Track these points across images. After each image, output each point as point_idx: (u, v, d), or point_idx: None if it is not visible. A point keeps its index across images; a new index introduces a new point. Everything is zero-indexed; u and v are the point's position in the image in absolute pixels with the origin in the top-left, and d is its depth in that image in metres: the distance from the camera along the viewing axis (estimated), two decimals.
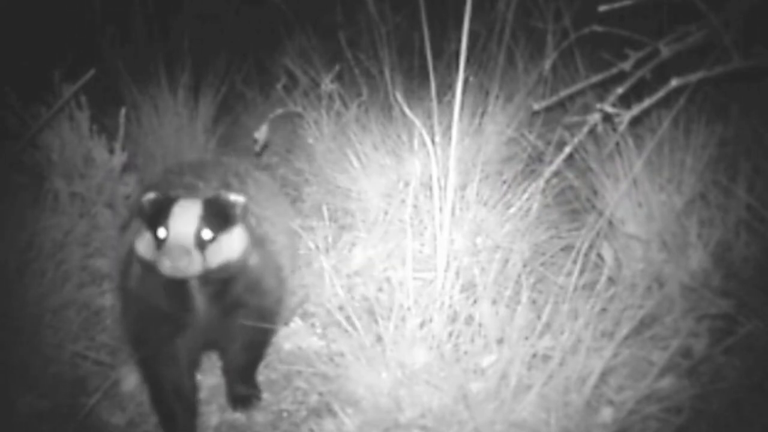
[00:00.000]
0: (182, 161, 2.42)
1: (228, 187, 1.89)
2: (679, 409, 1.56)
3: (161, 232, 1.61)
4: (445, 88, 2.42)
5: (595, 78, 2.18)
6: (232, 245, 1.68)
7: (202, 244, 1.62)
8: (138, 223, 1.73)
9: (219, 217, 1.66)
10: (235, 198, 1.70)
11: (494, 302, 1.81)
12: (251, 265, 1.76)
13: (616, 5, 1.97)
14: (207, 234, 1.62)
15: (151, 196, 1.68)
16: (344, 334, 1.81)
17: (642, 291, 1.80)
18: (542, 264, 2.03)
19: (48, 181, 2.30)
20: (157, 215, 1.63)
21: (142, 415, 1.87)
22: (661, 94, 1.96)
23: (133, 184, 2.45)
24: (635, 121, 2.02)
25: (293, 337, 2.06)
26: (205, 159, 2.71)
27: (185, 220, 1.62)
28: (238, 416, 1.87)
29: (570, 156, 2.19)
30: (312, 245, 2.26)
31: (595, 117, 2.09)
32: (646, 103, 1.98)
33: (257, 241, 1.80)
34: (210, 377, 1.98)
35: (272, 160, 3.09)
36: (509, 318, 1.74)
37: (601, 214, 1.96)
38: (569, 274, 1.74)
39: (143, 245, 1.66)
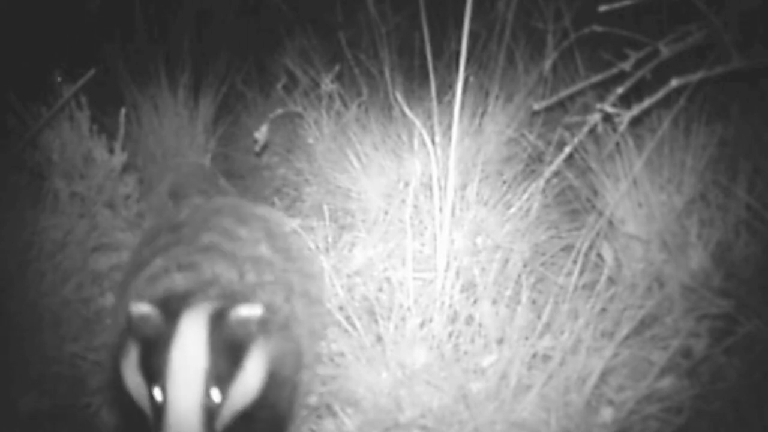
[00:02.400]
0: (223, 201, 1.99)
1: (269, 237, 1.55)
2: (679, 409, 1.56)
3: (157, 394, 1.25)
4: (445, 88, 2.42)
5: (595, 78, 2.18)
6: (247, 384, 1.33)
7: (211, 411, 1.26)
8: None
9: (231, 344, 1.29)
10: (249, 313, 1.31)
11: (494, 302, 1.82)
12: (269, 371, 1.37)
13: (616, 5, 1.97)
14: (217, 395, 1.27)
15: (141, 310, 1.29)
16: (344, 334, 1.81)
17: (642, 291, 1.80)
18: (542, 264, 2.03)
19: (48, 181, 2.29)
20: (151, 349, 1.27)
21: None
22: (661, 94, 1.96)
23: (133, 184, 2.45)
24: (635, 121, 2.02)
25: None
26: (250, 203, 2.11)
27: (189, 372, 1.25)
28: None
29: (570, 156, 2.18)
30: (312, 245, 2.26)
31: (595, 117, 2.09)
32: (646, 103, 1.98)
33: (277, 328, 1.44)
34: None
35: (272, 160, 3.09)
36: (509, 318, 1.74)
37: (601, 214, 1.96)
38: (569, 274, 1.74)
39: (132, 377, 1.32)
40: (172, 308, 1.31)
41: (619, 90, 2.05)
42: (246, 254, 1.51)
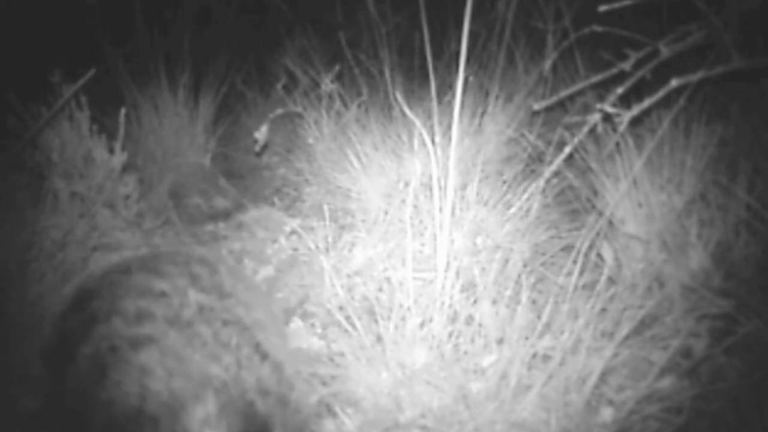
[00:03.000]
0: (129, 256, 1.69)
1: (195, 280, 1.31)
2: (679, 409, 1.56)
3: None
4: (445, 88, 2.42)
5: (595, 78, 2.19)
6: None
7: None
8: None
9: None
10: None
11: (494, 302, 1.82)
12: None
13: (616, 5, 1.97)
14: None
15: None
16: (344, 334, 1.82)
17: (642, 291, 1.80)
18: (542, 264, 2.03)
19: (48, 181, 2.29)
20: None
21: None
22: (661, 94, 1.96)
23: (133, 184, 2.45)
24: (635, 121, 2.02)
25: (293, 337, 2.06)
26: (159, 250, 2.04)
27: None
28: None
29: (570, 156, 2.18)
30: (312, 245, 2.26)
31: (595, 117, 2.09)
32: (646, 103, 1.98)
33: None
34: None
35: (272, 160, 3.09)
36: (509, 318, 1.74)
37: (601, 214, 1.96)
38: (569, 274, 1.74)
39: None
40: None
41: (619, 90, 2.05)
42: (186, 315, 1.24)
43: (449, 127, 1.92)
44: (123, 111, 2.40)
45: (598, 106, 2.06)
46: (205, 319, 1.22)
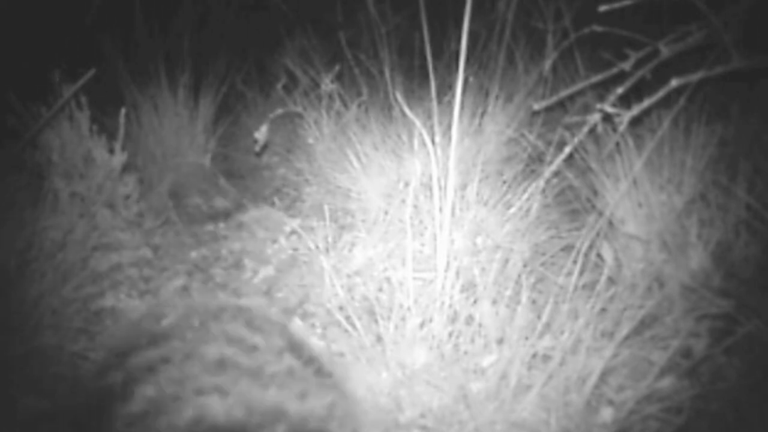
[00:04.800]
0: (221, 302, 1.31)
1: (297, 351, 1.13)
2: (679, 409, 1.56)
3: None
4: (445, 88, 2.42)
5: (595, 78, 2.18)
6: None
7: None
8: None
9: None
10: None
11: (494, 302, 1.82)
12: None
13: (616, 5, 1.97)
14: None
15: None
16: (344, 334, 1.82)
17: (642, 291, 1.80)
18: (542, 264, 2.03)
19: (48, 181, 2.29)
20: None
21: None
22: (661, 94, 1.96)
23: (133, 184, 2.44)
24: (635, 121, 2.02)
25: None
26: (245, 304, 1.32)
27: None
28: None
29: (570, 156, 2.19)
30: (312, 245, 2.26)
31: (595, 117, 2.09)
32: (646, 103, 1.98)
33: None
34: None
35: (272, 160, 3.09)
36: (509, 318, 1.74)
37: (601, 214, 1.96)
38: (569, 274, 1.74)
39: None
40: None
41: (619, 90, 2.06)
42: (272, 370, 1.10)
43: (449, 127, 1.92)
44: (123, 111, 2.40)
45: (598, 106, 2.06)
46: (288, 382, 1.05)
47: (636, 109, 1.98)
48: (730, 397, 1.59)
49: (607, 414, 1.57)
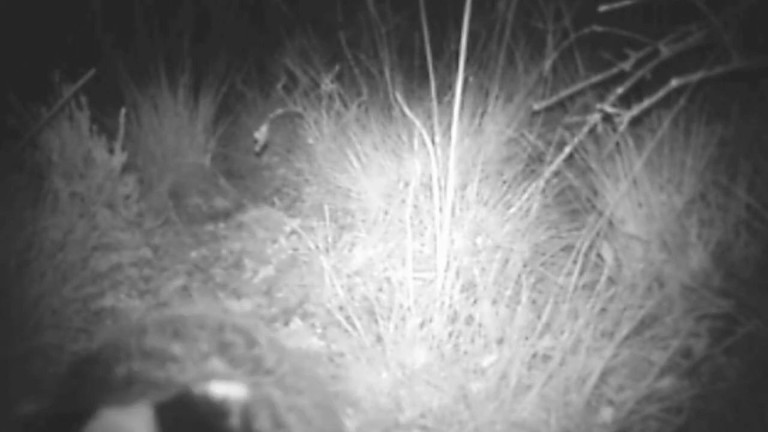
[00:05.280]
0: (151, 318, 1.36)
1: (224, 348, 0.89)
2: (679, 409, 1.56)
3: None
4: (445, 88, 2.42)
5: (595, 78, 2.18)
6: None
7: None
8: None
9: None
10: (227, 392, 0.78)
11: (494, 302, 1.82)
12: None
13: (616, 5, 1.97)
14: None
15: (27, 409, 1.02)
16: (344, 334, 1.82)
17: (642, 291, 1.80)
18: (542, 264, 2.03)
19: (48, 181, 2.29)
20: None
21: None
22: (661, 94, 1.96)
23: (133, 184, 2.44)
24: (635, 121, 2.02)
25: (293, 337, 2.07)
26: (181, 313, 1.52)
27: None
28: None
29: (570, 156, 2.18)
30: (312, 245, 2.26)
31: (595, 117, 2.09)
32: (646, 103, 1.98)
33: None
34: None
35: (272, 160, 3.09)
36: (509, 318, 1.74)
37: (601, 214, 1.96)
38: (569, 274, 1.74)
39: None
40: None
41: (619, 90, 2.05)
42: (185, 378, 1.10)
43: (449, 127, 1.92)
44: (123, 111, 2.40)
45: (598, 106, 2.06)
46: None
47: (636, 109, 1.98)
48: (730, 397, 1.59)
49: (607, 414, 1.57)
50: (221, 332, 0.99)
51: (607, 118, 2.06)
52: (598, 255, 1.93)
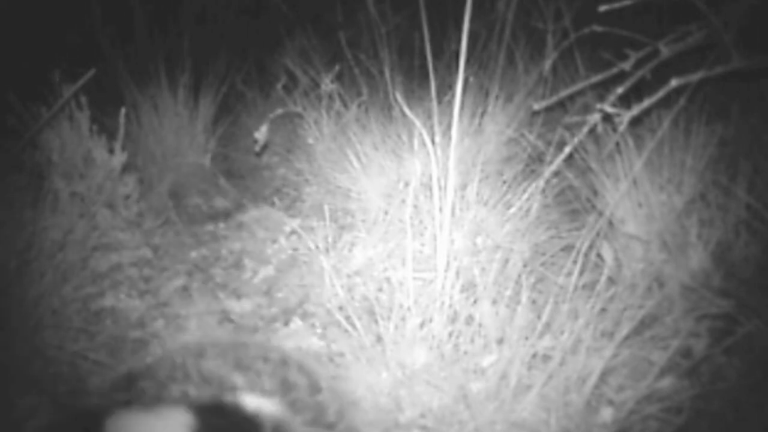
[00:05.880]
0: (212, 339, 1.41)
1: (287, 389, 0.97)
2: (679, 409, 1.56)
3: None
4: (445, 88, 2.42)
5: (595, 78, 2.19)
6: None
7: None
8: None
9: None
10: (259, 406, 0.85)
11: (494, 302, 1.82)
12: None
13: (616, 5, 1.97)
14: None
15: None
16: (344, 334, 1.82)
17: (642, 291, 1.80)
18: (542, 264, 2.03)
19: (48, 181, 2.29)
20: None
21: None
22: (661, 94, 1.96)
23: (133, 184, 2.44)
24: (635, 121, 2.02)
25: (293, 337, 2.07)
26: (243, 341, 1.48)
27: None
28: None
29: (570, 156, 2.18)
30: (312, 245, 2.26)
31: (595, 117, 2.09)
32: (646, 103, 1.98)
33: None
34: None
35: (272, 160, 3.09)
36: (509, 318, 1.74)
37: (601, 214, 1.96)
38: (569, 274, 1.74)
39: None
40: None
41: (619, 90, 2.05)
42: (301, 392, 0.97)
43: (449, 127, 1.92)
44: (123, 111, 2.39)
45: (598, 106, 2.06)
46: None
47: (636, 109, 1.98)
48: (730, 397, 1.59)
49: (607, 414, 1.57)
50: (284, 368, 0.96)
51: (607, 118, 2.06)
52: (598, 255, 1.93)
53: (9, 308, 1.93)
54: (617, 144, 2.04)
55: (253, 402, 0.83)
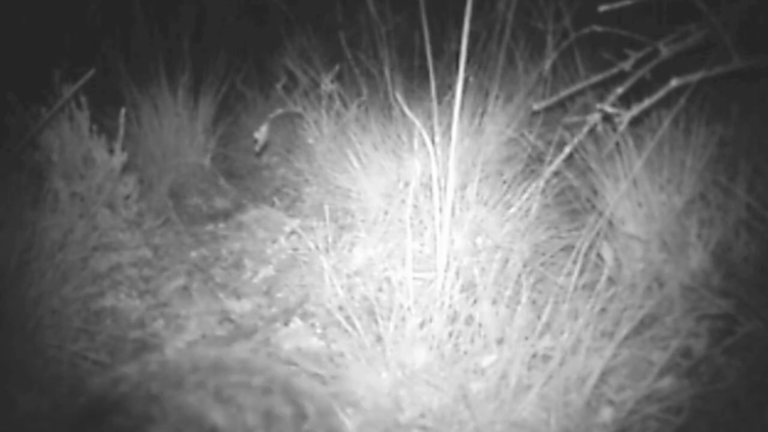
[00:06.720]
0: (191, 360, 1.15)
1: (271, 421, 0.91)
2: (679, 409, 1.56)
3: None
4: (445, 88, 2.42)
5: (595, 78, 2.19)
6: None
7: None
8: None
9: None
10: None
11: (494, 302, 1.82)
12: None
13: (616, 5, 1.97)
14: None
15: None
16: (344, 334, 1.82)
17: (642, 291, 1.80)
18: (542, 264, 2.03)
19: (48, 181, 2.29)
20: None
21: None
22: (661, 94, 1.96)
23: (133, 184, 2.44)
24: (635, 121, 2.02)
25: (293, 337, 2.07)
26: (222, 360, 1.21)
27: None
28: None
29: (570, 156, 2.19)
30: (312, 245, 2.26)
31: (595, 117, 2.09)
32: (646, 103, 1.98)
33: None
34: None
35: (272, 160, 3.09)
36: (509, 318, 1.74)
37: (601, 214, 1.96)
38: (569, 274, 1.74)
39: None
40: None
41: (619, 90, 2.06)
42: None
43: (449, 127, 1.92)
44: (123, 111, 2.39)
45: (598, 106, 2.06)
46: None
47: (636, 109, 1.98)
48: (730, 397, 1.59)
49: (607, 414, 1.57)
50: (268, 398, 0.88)
51: (607, 118, 2.06)
52: (598, 255, 1.93)
53: (9, 308, 1.93)
54: (617, 144, 2.04)
55: None
